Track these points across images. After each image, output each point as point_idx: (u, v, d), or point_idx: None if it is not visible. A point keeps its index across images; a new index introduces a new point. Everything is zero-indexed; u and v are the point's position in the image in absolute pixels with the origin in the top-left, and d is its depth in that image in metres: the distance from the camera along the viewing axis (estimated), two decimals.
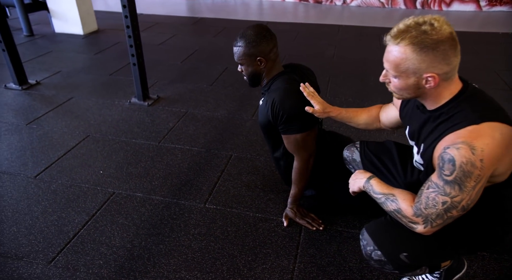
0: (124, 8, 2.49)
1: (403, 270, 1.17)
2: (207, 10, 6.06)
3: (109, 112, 2.73)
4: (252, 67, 1.56)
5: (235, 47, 1.56)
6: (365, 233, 1.18)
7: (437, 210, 0.98)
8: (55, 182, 2.00)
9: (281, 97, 1.49)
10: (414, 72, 0.98)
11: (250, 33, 1.51)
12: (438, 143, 1.00)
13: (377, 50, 4.09)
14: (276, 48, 1.57)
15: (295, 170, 1.64)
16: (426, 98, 1.05)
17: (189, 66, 3.61)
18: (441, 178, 0.96)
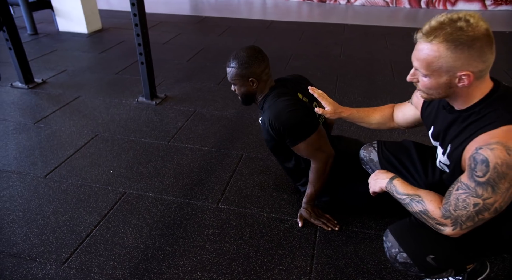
0: (133, 6, 2.46)
1: (429, 273, 1.15)
2: (210, 9, 6.03)
3: (117, 111, 2.71)
4: (245, 87, 1.62)
5: (228, 68, 1.62)
6: (389, 234, 1.16)
7: (468, 212, 0.96)
8: (65, 181, 1.98)
9: (274, 113, 1.53)
10: (447, 71, 0.96)
11: (243, 54, 1.56)
12: (468, 143, 0.97)
13: (383, 49, 4.08)
14: (268, 69, 1.62)
15: (312, 170, 1.62)
16: (456, 97, 1.03)
17: (195, 65, 3.59)
18: (472, 179, 0.94)
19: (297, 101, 1.60)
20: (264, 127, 1.61)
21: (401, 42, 4.29)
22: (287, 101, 1.56)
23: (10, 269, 1.47)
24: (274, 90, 1.63)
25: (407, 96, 2.99)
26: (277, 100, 1.57)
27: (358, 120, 1.56)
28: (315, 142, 1.56)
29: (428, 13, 5.78)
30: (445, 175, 1.17)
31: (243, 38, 4.44)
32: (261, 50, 1.63)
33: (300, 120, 1.53)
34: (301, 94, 1.73)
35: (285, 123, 1.52)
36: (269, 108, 1.58)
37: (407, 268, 1.14)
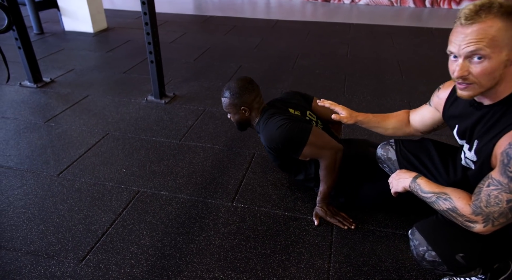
0: (143, 5, 2.46)
1: (458, 271, 1.15)
2: (214, 8, 6.03)
3: (127, 110, 2.71)
4: (238, 115, 1.76)
5: (222, 98, 1.77)
6: (416, 232, 1.16)
7: (501, 208, 0.95)
8: (79, 180, 1.98)
9: (266, 136, 1.67)
10: (507, 44, 0.93)
11: (234, 85, 1.72)
12: (500, 138, 0.97)
13: (390, 48, 4.08)
14: (259, 97, 1.76)
15: (322, 168, 1.63)
16: (501, 83, 0.99)
17: (203, 64, 3.59)
18: (505, 175, 0.94)
19: (284, 116, 1.68)
20: (266, 151, 1.78)
21: (407, 41, 4.29)
22: (274, 120, 1.66)
23: (29, 267, 1.47)
24: (265, 113, 1.74)
25: (416, 95, 2.99)
26: (267, 123, 1.68)
27: (374, 125, 1.55)
28: (316, 142, 1.61)
29: (433, 12, 5.78)
30: (471, 172, 1.16)
31: (249, 37, 4.44)
32: (252, 80, 1.77)
33: (291, 130, 1.61)
34: (293, 109, 1.81)
35: (280, 140, 1.62)
36: (262, 133, 1.71)
37: (434, 267, 1.13)
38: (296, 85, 3.12)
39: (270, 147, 1.70)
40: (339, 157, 1.62)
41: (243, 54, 3.87)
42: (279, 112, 1.72)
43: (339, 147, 1.63)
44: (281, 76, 3.29)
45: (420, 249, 1.14)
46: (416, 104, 2.79)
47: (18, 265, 1.48)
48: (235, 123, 1.83)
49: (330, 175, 1.63)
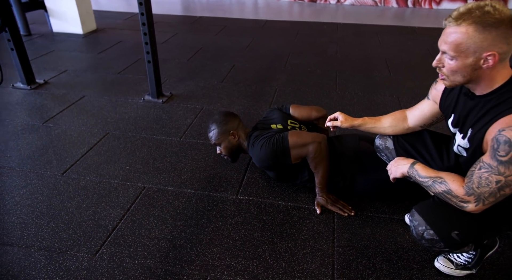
0: (140, 5, 2.51)
1: (454, 248, 1.25)
2: (203, 9, 6.08)
3: (125, 110, 2.75)
4: (229, 143, 1.90)
5: (209, 133, 1.92)
6: (415, 214, 1.25)
7: (490, 188, 1.06)
8: (83, 178, 2.01)
9: (256, 158, 1.81)
10: (474, 52, 1.04)
11: (217, 116, 1.93)
12: (490, 126, 1.07)
13: (377, 47, 4.21)
14: (241, 123, 1.96)
15: (310, 161, 1.74)
16: (479, 81, 1.11)
17: (196, 64, 3.65)
18: (495, 159, 1.04)
19: (265, 135, 1.80)
20: (264, 169, 1.95)
21: (393, 40, 4.44)
22: (257, 143, 1.79)
23: (43, 262, 1.51)
24: (250, 137, 1.87)
25: (404, 90, 3.13)
26: (253, 147, 1.82)
27: (371, 126, 1.62)
28: (297, 142, 1.72)
29: (415, 12, 5.97)
30: (463, 159, 1.27)
31: (240, 37, 4.51)
32: (228, 111, 2.01)
33: (272, 145, 1.73)
34: (274, 124, 1.93)
35: (267, 157, 1.76)
36: (253, 157, 1.85)
37: (432, 244, 1.23)
38: (290, 83, 3.21)
39: (263, 167, 1.86)
40: (323, 146, 1.71)
41: (235, 53, 3.95)
42: (261, 134, 1.83)
43: (320, 137, 1.72)
44: (274, 75, 3.38)
45: (420, 228, 1.24)
46: (404, 99, 2.93)
47: (33, 260, 1.52)
48: (228, 154, 1.94)
49: (320, 164, 1.72)
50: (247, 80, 3.25)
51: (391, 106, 2.80)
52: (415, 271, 1.47)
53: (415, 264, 1.50)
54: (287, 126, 1.93)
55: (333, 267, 1.49)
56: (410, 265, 1.49)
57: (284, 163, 1.78)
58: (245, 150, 1.94)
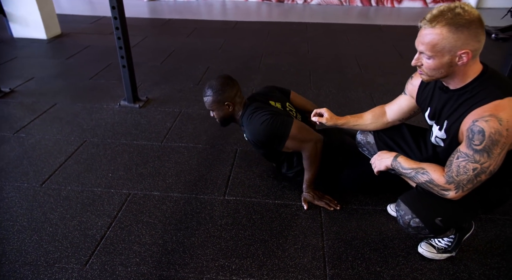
0: (113, 9, 2.46)
1: (438, 233, 1.33)
2: (171, 11, 6.01)
3: (101, 116, 2.69)
4: (222, 112, 1.85)
5: (204, 97, 1.84)
6: (401, 204, 1.32)
7: (468, 176, 1.14)
8: (64, 188, 1.96)
9: (252, 131, 1.76)
10: (449, 50, 1.12)
11: (216, 83, 1.81)
12: (465, 117, 1.16)
13: (346, 45, 4.34)
14: (239, 92, 1.86)
15: (305, 159, 1.77)
16: (454, 77, 1.20)
17: (170, 67, 3.61)
18: (470, 148, 1.12)
19: (267, 110, 1.77)
20: (250, 143, 1.87)
21: (361, 38, 4.58)
22: (257, 115, 1.75)
23: (30, 277, 1.46)
24: (248, 108, 1.83)
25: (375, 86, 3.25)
26: (251, 118, 1.77)
27: (354, 124, 1.70)
28: (297, 135, 1.72)
29: (378, 11, 6.18)
30: (440, 149, 1.36)
31: (212, 39, 4.51)
32: (231, 77, 1.87)
33: (274, 125, 1.70)
34: (273, 101, 1.93)
35: (264, 134, 1.73)
36: (247, 128, 1.80)
37: (418, 231, 1.31)
38: (265, 82, 3.25)
39: (254, 141, 1.80)
40: (319, 147, 1.76)
41: (209, 55, 3.94)
42: (262, 106, 1.81)
43: (319, 138, 1.76)
44: (249, 75, 3.41)
45: (406, 217, 1.31)
46: (376, 94, 3.05)
47: (19, 276, 1.47)
48: (219, 120, 1.91)
49: (313, 164, 1.77)
50: None
51: (365, 102, 2.90)
52: (401, 258, 1.55)
53: (400, 251, 1.58)
54: (286, 107, 1.94)
55: (324, 260, 1.55)
56: (396, 252, 1.57)
57: (274, 147, 1.78)
58: (237, 120, 1.90)
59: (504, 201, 1.36)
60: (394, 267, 1.50)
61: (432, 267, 1.50)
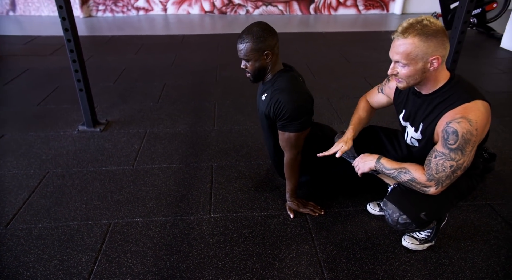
0: (66, 31, 2.35)
1: (423, 226, 1.46)
2: (111, 28, 5.80)
3: (60, 144, 2.53)
4: (259, 62, 1.63)
5: (241, 44, 1.61)
6: (388, 203, 1.43)
7: (446, 173, 1.27)
8: (35, 227, 1.82)
9: (286, 98, 1.61)
10: (422, 57, 1.25)
11: (256, 29, 1.60)
12: (439, 120, 1.29)
13: (295, 53, 4.51)
14: (278, 42, 1.66)
15: (286, 166, 1.81)
16: (426, 82, 1.33)
17: (125, 86, 3.50)
18: (446, 147, 1.26)
19: (308, 93, 1.69)
20: (268, 104, 1.67)
21: (308, 46, 4.80)
22: (302, 92, 1.65)
23: None
24: (287, 72, 1.68)
25: (331, 92, 3.41)
26: (294, 87, 1.63)
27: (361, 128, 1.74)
28: (297, 138, 1.71)
29: (317, 18, 6.51)
30: (415, 149, 1.49)
31: (162, 54, 4.43)
32: (269, 24, 1.67)
33: (303, 115, 1.63)
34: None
35: (290, 112, 1.61)
36: (283, 91, 1.62)
37: (406, 227, 1.42)
38: (226, 95, 3.28)
39: (276, 107, 1.63)
40: (299, 158, 1.80)
41: (162, 71, 3.88)
42: (301, 85, 1.70)
43: (300, 149, 1.79)
44: (209, 89, 3.41)
45: (394, 215, 1.42)
46: (333, 99, 3.21)
47: None
48: (252, 72, 1.68)
49: (294, 173, 1.83)
50: (183, 97, 3.23)
51: (325, 108, 3.05)
52: (389, 253, 1.66)
53: (386, 247, 1.69)
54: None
55: (320, 264, 1.61)
56: (383, 248, 1.68)
57: (276, 122, 1.69)
58: (266, 77, 1.71)
59: (474, 189, 1.53)
60: (384, 262, 1.61)
61: (418, 258, 1.63)
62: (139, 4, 6.49)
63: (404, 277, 1.54)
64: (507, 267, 1.58)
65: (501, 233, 1.76)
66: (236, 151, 2.44)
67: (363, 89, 3.34)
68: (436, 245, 1.68)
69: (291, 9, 6.70)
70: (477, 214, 1.88)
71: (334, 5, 6.71)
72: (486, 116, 1.26)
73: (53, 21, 6.01)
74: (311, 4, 6.66)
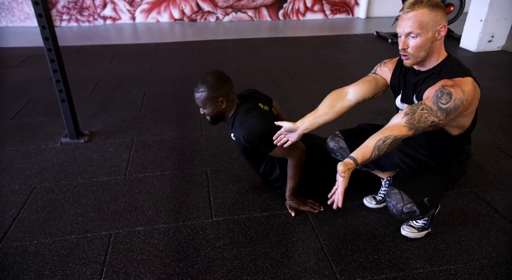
0: (46, 40, 2.28)
1: (425, 212, 1.55)
2: (78, 37, 5.63)
3: (43, 158, 2.43)
4: (216, 109, 1.80)
5: (197, 93, 1.78)
6: (392, 195, 1.49)
7: (425, 125, 1.36)
8: (30, 243, 1.74)
9: (248, 129, 1.75)
10: (432, 26, 1.37)
11: (211, 79, 1.75)
12: (432, 85, 1.40)
13: (271, 57, 4.59)
14: (233, 88, 1.83)
15: (291, 166, 1.87)
16: (430, 56, 1.44)
17: (104, 96, 3.41)
18: (436, 104, 1.35)
19: (263, 113, 1.84)
20: (240, 143, 1.81)
21: (281, 50, 4.90)
22: (256, 115, 1.79)
23: None
24: (241, 107, 1.84)
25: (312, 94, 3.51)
26: (247, 116, 1.78)
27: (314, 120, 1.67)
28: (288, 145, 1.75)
29: (287, 24, 6.66)
30: None
31: (137, 63, 4.37)
32: (224, 72, 1.82)
33: (270, 129, 1.73)
34: (262, 104, 1.99)
35: (260, 135, 1.74)
36: (241, 125, 1.78)
37: (410, 216, 1.50)
38: None
39: (247, 141, 1.75)
40: (304, 157, 1.87)
41: (140, 80, 3.82)
42: (254, 108, 1.82)
43: (303, 148, 1.87)
44: (191, 96, 3.35)
45: (399, 206, 1.49)
46: (315, 101, 3.31)
47: None
48: (211, 117, 1.84)
49: (298, 172, 1.88)
50: (166, 105, 3.20)
51: (309, 109, 3.10)
52: (390, 243, 1.73)
53: (387, 237, 1.77)
54: (272, 112, 2.00)
55: (327, 259, 1.65)
56: (384, 239, 1.76)
57: (262, 150, 1.79)
58: (227, 119, 1.87)
59: (464, 174, 1.65)
60: (387, 252, 1.68)
61: (417, 245, 1.72)
62: (105, 13, 6.35)
63: (407, 264, 1.62)
64: (498, 247, 1.70)
65: (487, 216, 1.89)
66: (228, 155, 2.45)
67: None
68: (433, 232, 1.78)
69: (260, 15, 6.81)
70: (464, 201, 2.01)
71: (302, 10, 6.89)
72: (474, 93, 1.39)
73: (13, 31, 5.76)
74: (280, 10, 6.81)
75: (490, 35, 4.70)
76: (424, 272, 1.57)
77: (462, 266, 1.60)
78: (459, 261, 1.63)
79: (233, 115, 1.85)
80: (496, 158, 2.40)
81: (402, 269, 1.59)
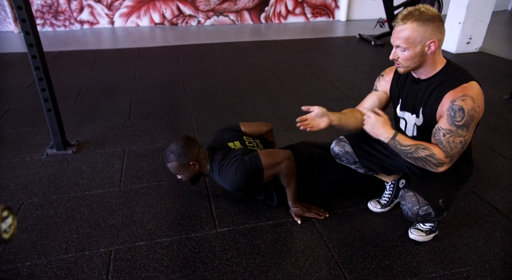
0: (30, 47, 2.15)
1: (440, 214, 1.54)
2: (55, 43, 5.40)
3: (28, 171, 2.29)
4: (191, 172, 1.85)
5: (168, 163, 1.83)
6: (407, 197, 1.49)
7: (458, 149, 1.38)
8: (22, 266, 1.62)
9: (229, 181, 1.76)
10: (420, 41, 1.36)
11: (175, 147, 1.81)
12: (441, 100, 1.40)
13: (257, 61, 4.55)
14: (201, 148, 1.88)
15: (282, 177, 1.83)
16: (425, 67, 1.44)
17: (88, 104, 3.27)
18: (453, 124, 1.36)
19: (231, 156, 1.79)
20: (230, 186, 1.82)
21: (267, 53, 4.87)
22: (227, 166, 1.76)
23: None
24: (213, 160, 1.84)
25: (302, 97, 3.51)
26: (222, 171, 1.77)
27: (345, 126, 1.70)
28: (270, 162, 1.76)
29: (269, 27, 6.65)
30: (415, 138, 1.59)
31: (120, 68, 4.23)
32: (188, 136, 1.89)
33: (246, 167, 1.72)
34: (231, 142, 1.98)
35: (242, 180, 1.74)
36: (222, 180, 1.79)
37: (425, 218, 1.49)
38: (200, 107, 3.21)
39: (236, 189, 1.83)
40: (292, 161, 1.83)
41: (126, 86, 3.70)
42: (225, 155, 1.83)
43: (289, 153, 1.83)
44: (180, 102, 3.31)
45: (414, 208, 1.48)
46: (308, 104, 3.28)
47: None
48: (188, 180, 1.89)
49: (292, 178, 1.84)
50: (155, 112, 3.10)
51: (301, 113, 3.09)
52: (400, 247, 1.72)
53: (396, 242, 1.75)
54: (244, 142, 1.98)
55: (339, 267, 1.62)
56: (394, 243, 1.74)
57: (256, 183, 1.80)
58: (206, 174, 1.91)
59: (471, 174, 1.68)
60: (398, 257, 1.67)
61: (426, 249, 1.71)
62: (82, 17, 6.14)
63: (420, 268, 1.61)
64: (504, 247, 1.72)
65: (490, 217, 1.92)
66: None
67: (332, 93, 3.48)
68: (440, 235, 1.78)
69: (242, 19, 6.77)
70: (466, 201, 2.03)
71: (284, 13, 6.90)
72: (482, 95, 1.40)
73: None
74: (262, 13, 6.80)
75: (468, 37, 4.85)
76: (437, 276, 1.57)
77: (473, 269, 1.60)
78: (469, 263, 1.63)
79: (210, 169, 1.86)
80: (489, 158, 2.45)
81: (416, 274, 1.57)
